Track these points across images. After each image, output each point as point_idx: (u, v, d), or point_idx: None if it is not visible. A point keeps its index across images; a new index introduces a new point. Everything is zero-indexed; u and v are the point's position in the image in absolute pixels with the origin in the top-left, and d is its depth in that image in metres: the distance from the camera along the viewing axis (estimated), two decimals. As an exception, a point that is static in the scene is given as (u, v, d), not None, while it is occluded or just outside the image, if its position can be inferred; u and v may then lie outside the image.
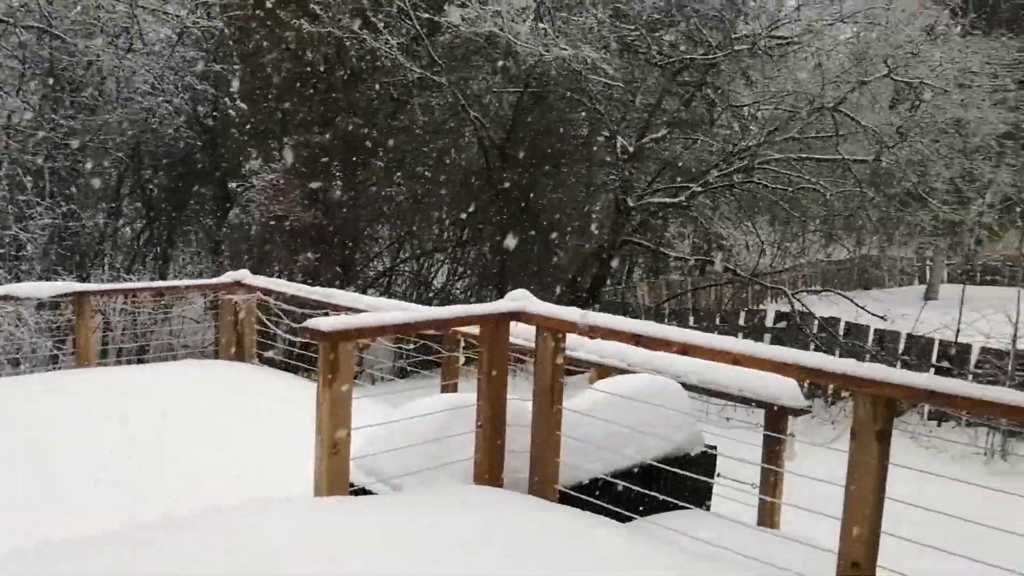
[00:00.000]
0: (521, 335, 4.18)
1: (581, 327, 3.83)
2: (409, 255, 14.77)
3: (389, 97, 13.21)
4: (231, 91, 12.88)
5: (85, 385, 6.48)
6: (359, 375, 10.45)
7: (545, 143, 14.50)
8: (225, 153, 13.42)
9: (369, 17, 11.95)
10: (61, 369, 8.54)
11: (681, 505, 4.01)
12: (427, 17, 12.10)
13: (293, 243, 12.26)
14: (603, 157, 15.20)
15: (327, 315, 5.55)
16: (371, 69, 12.62)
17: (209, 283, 8.35)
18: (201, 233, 14.33)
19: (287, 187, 11.98)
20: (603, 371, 5.30)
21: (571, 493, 3.97)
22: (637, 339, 3.66)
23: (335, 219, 12.34)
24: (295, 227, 11.97)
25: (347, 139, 12.61)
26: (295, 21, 11.75)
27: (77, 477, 4.58)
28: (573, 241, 15.13)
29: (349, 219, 12.63)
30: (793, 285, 21.24)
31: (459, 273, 15.24)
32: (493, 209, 13.87)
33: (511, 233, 13.65)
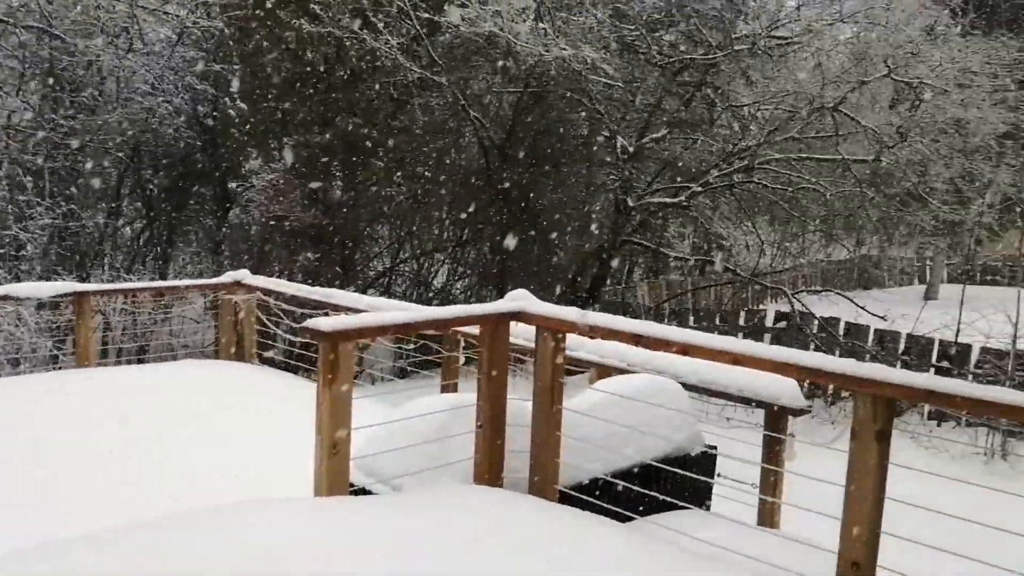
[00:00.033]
0: (521, 335, 4.17)
1: (581, 327, 3.83)
2: (409, 255, 14.76)
3: (389, 97, 13.20)
4: (231, 91, 12.88)
5: (85, 385, 6.48)
6: (359, 375, 10.45)
7: (545, 143, 14.50)
8: (225, 153, 13.42)
9: (369, 17, 11.94)
10: (61, 369, 8.55)
11: (681, 505, 4.01)
12: (427, 17, 12.10)
13: (293, 243, 12.26)
14: (603, 157, 15.20)
15: (327, 315, 5.55)
16: (371, 69, 12.62)
17: (209, 283, 8.35)
18: (201, 233, 14.33)
19: (287, 187, 11.98)
20: (603, 371, 5.30)
21: (571, 493, 3.97)
22: (637, 339, 3.66)
23: (335, 219, 12.34)
24: (295, 227, 11.97)
25: (347, 139, 12.60)
26: (295, 21, 11.75)
27: (77, 477, 4.58)
28: (573, 241, 15.13)
29: (349, 219, 12.63)
30: (793, 285, 21.27)
31: (459, 273, 15.24)
32: (493, 209, 13.87)
33: (511, 233, 13.64)
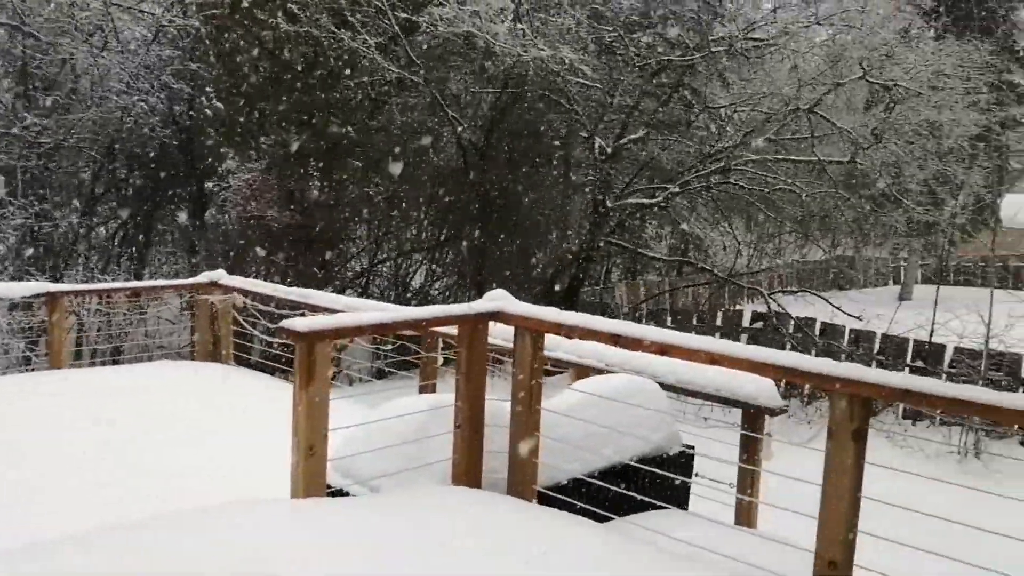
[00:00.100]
0: (500, 335, 4.17)
1: (560, 327, 3.83)
2: (387, 256, 14.71)
3: (367, 97, 13.15)
4: (207, 90, 12.79)
5: (59, 387, 6.42)
6: (336, 376, 10.40)
7: (523, 143, 14.51)
8: (201, 152, 13.32)
9: (347, 16, 11.89)
10: (34, 371, 8.45)
11: (659, 505, 4.01)
12: (405, 17, 12.06)
13: (270, 243, 12.18)
14: (581, 158, 15.21)
15: (304, 315, 5.52)
16: (349, 69, 12.56)
17: (185, 283, 8.30)
18: (177, 233, 14.21)
19: (264, 187, 11.91)
20: (582, 371, 5.31)
21: (550, 494, 3.97)
22: (615, 339, 3.66)
23: (312, 219, 12.28)
24: (272, 227, 11.90)
25: (325, 139, 12.54)
26: (272, 20, 11.68)
27: (52, 479, 4.54)
28: (552, 241, 15.14)
29: (326, 219, 12.56)
30: (769, 285, 21.40)
31: (437, 274, 15.21)
32: (471, 209, 13.86)
33: (490, 233, 13.62)
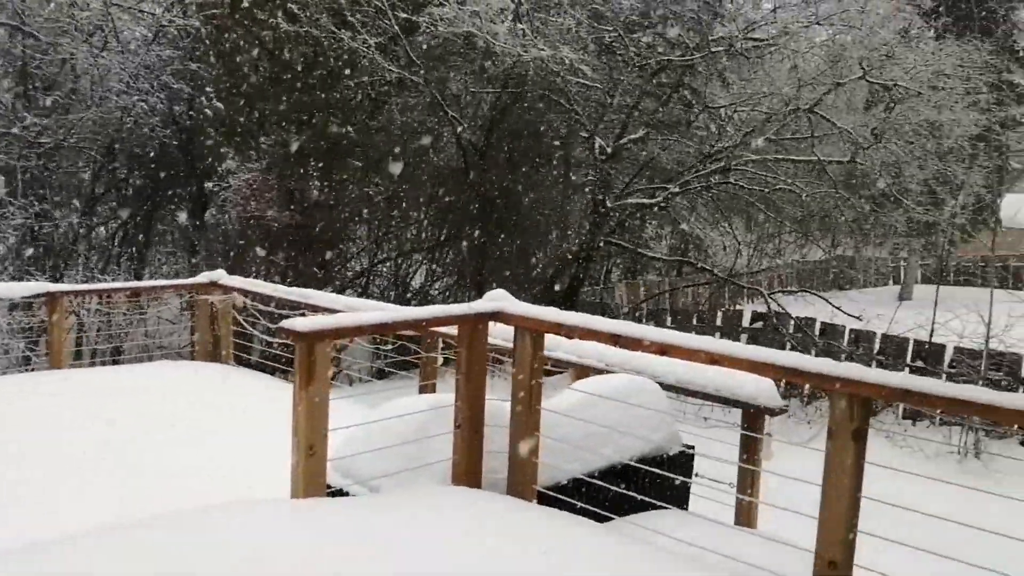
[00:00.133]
0: (500, 335, 4.17)
1: (560, 327, 3.83)
2: (387, 256, 14.71)
3: (367, 97, 13.15)
4: (207, 90, 12.79)
5: (59, 387, 6.42)
6: (336, 376, 10.40)
7: (523, 144, 14.50)
8: (201, 152, 13.31)
9: (347, 16, 11.89)
10: (34, 371, 8.45)
11: (659, 505, 4.01)
12: (405, 17, 12.06)
13: (270, 243, 12.18)
14: (581, 158, 15.21)
15: (304, 315, 5.51)
16: (349, 68, 12.56)
17: (185, 283, 8.29)
18: (177, 233, 14.21)
19: (264, 187, 11.90)
20: (582, 371, 5.30)
21: (550, 494, 3.97)
22: (615, 339, 3.66)
23: (312, 219, 12.28)
24: (272, 227, 11.90)
25: (324, 139, 12.54)
26: (272, 20, 11.68)
27: (56, 478, 4.54)
28: (552, 241, 15.14)
29: (326, 219, 12.56)
30: (769, 285, 21.39)
31: (437, 274, 15.20)
32: (471, 209, 13.86)
33: (490, 233, 13.62)
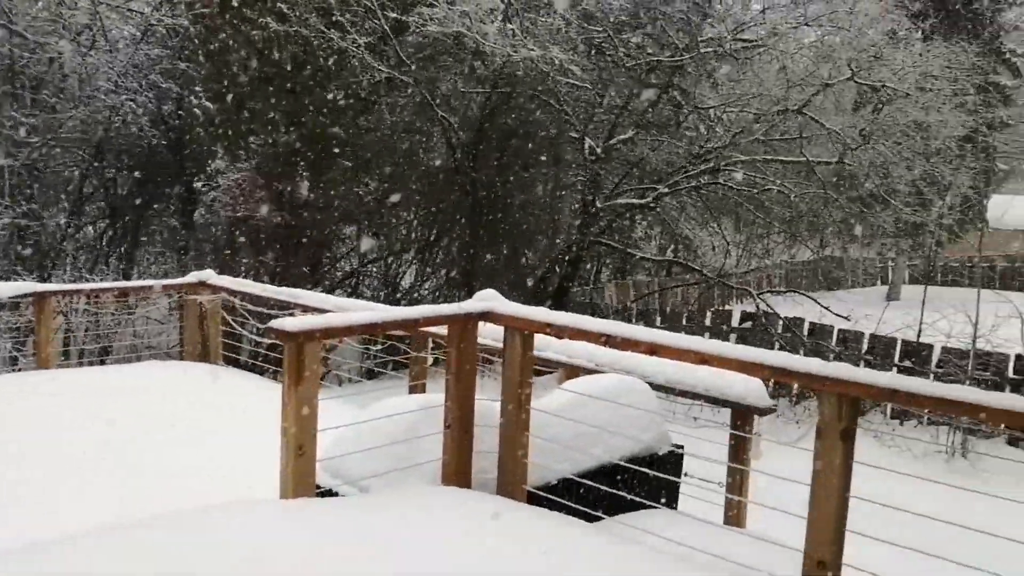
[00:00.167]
0: (489, 335, 4.17)
1: (550, 327, 3.83)
2: (377, 255, 14.69)
3: (356, 97, 13.13)
4: (196, 89, 12.75)
5: (47, 387, 6.38)
6: (326, 376, 10.38)
7: (513, 144, 14.50)
8: (190, 152, 13.27)
9: (336, 16, 11.87)
10: (21, 371, 8.40)
11: (649, 505, 4.02)
12: (394, 17, 12.05)
13: (259, 243, 12.15)
14: (571, 158, 15.23)
15: (293, 315, 5.50)
16: (339, 68, 12.53)
17: (174, 283, 8.25)
18: (166, 233, 14.17)
19: (253, 187, 11.87)
20: (571, 371, 5.31)
21: (539, 493, 3.97)
22: (605, 339, 3.67)
23: (302, 219, 12.25)
24: (261, 227, 11.87)
25: (314, 139, 12.51)
26: (262, 19, 11.65)
27: (45, 479, 4.51)
28: (542, 241, 15.14)
29: (316, 219, 12.54)
30: (758, 286, 21.43)
31: (427, 274, 15.19)
32: (461, 209, 13.85)
33: (480, 233, 13.62)
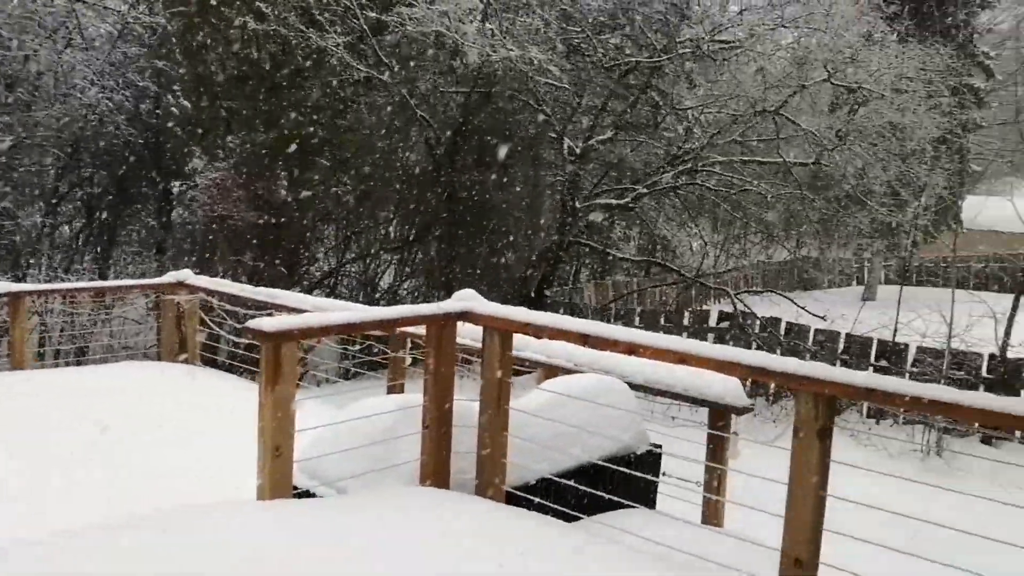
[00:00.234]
0: (468, 335, 4.17)
1: (529, 327, 3.84)
2: (355, 255, 14.64)
3: (335, 96, 13.09)
4: (174, 88, 12.66)
5: (23, 388, 6.32)
6: (304, 376, 10.34)
7: (493, 144, 14.51)
8: (168, 151, 13.17)
9: (315, 15, 11.83)
10: (-5, 372, 8.31)
11: (627, 504, 4.03)
12: (374, 16, 12.02)
13: (237, 243, 12.07)
14: (550, 158, 15.24)
15: (271, 315, 5.48)
16: (317, 67, 12.49)
17: (151, 283, 8.20)
18: (143, 232, 14.05)
19: (231, 186, 11.80)
20: (550, 371, 5.32)
21: (518, 493, 3.97)
22: (584, 339, 3.68)
23: (280, 219, 12.19)
24: (239, 227, 11.80)
25: (292, 138, 12.46)
26: (240, 18, 11.59)
27: (25, 480, 4.47)
28: (521, 241, 15.14)
29: (294, 219, 12.48)
30: (735, 286, 21.53)
31: (406, 274, 15.16)
32: (440, 209, 13.83)
33: (459, 233, 13.60)
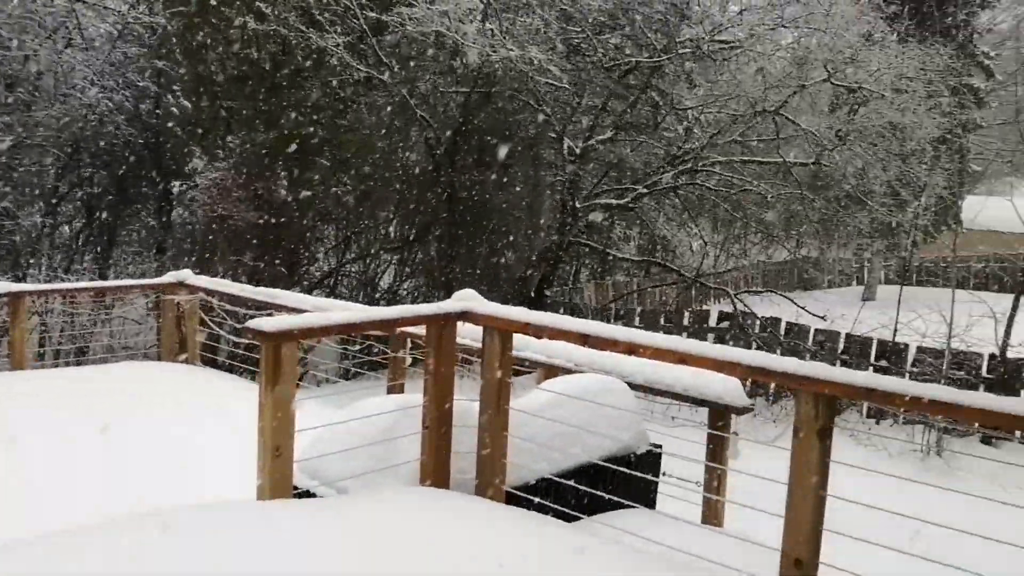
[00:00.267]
0: (468, 335, 4.17)
1: (529, 327, 3.84)
2: (355, 255, 14.64)
3: (335, 96, 13.08)
4: (174, 88, 12.65)
5: (23, 388, 6.32)
6: (304, 376, 10.34)
7: (493, 144, 14.51)
8: (168, 151, 13.17)
9: (315, 15, 11.83)
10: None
11: (627, 504, 4.03)
12: (374, 16, 12.02)
13: (237, 243, 12.07)
14: (550, 158, 15.24)
15: (271, 315, 5.48)
16: (317, 67, 12.49)
17: (151, 283, 8.21)
18: (144, 232, 14.05)
19: (231, 186, 11.80)
20: (550, 371, 5.32)
21: (518, 493, 3.97)
22: (584, 339, 3.67)
23: (280, 219, 12.19)
24: (239, 227, 11.79)
25: (292, 138, 12.45)
26: (240, 18, 11.58)
27: (28, 479, 4.48)
28: (521, 241, 15.14)
29: (294, 219, 12.48)
30: (735, 286, 21.53)
31: (406, 274, 15.16)
32: (440, 209, 13.83)
33: (459, 233, 13.60)
